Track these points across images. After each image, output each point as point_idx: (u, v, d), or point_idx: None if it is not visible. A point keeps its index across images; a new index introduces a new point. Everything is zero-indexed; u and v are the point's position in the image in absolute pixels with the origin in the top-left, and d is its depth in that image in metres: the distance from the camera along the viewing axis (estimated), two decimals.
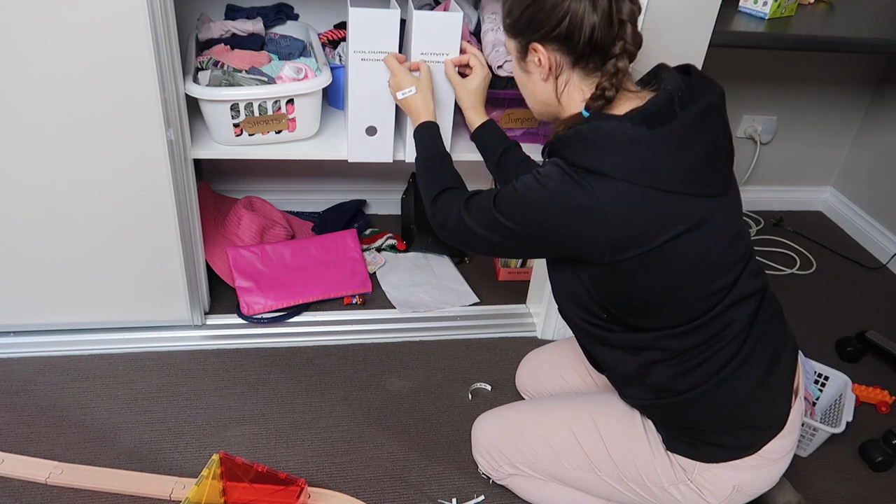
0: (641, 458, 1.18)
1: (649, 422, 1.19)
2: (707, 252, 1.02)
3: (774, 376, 1.12)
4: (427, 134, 1.35)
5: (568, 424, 1.25)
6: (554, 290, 1.18)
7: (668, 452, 1.16)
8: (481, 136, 1.41)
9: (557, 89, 1.08)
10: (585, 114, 1.06)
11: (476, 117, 1.41)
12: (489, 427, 1.35)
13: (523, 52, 1.09)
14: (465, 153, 1.63)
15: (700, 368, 1.08)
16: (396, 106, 1.49)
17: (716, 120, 1.02)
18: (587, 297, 1.10)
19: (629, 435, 1.20)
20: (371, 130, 1.51)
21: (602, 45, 1.01)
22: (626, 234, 0.98)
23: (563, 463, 1.25)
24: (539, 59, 1.06)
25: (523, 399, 1.56)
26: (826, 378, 1.61)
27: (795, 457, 1.51)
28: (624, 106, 1.03)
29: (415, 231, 1.98)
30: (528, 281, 1.87)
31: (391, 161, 1.58)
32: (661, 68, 1.08)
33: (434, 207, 1.22)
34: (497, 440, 1.32)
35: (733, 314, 1.07)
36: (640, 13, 1.03)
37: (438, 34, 1.40)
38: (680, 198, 0.98)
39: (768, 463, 1.13)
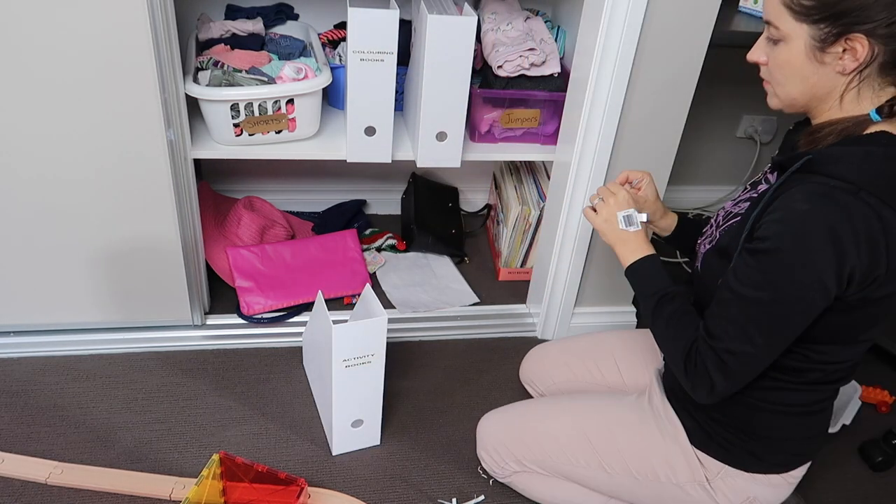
0: (658, 455, 1.17)
1: (669, 416, 1.18)
2: None
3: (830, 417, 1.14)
4: (652, 268, 1.15)
5: (577, 421, 1.25)
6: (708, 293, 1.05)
7: (693, 449, 1.14)
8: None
9: (849, 85, 0.93)
10: (875, 117, 0.92)
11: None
12: (496, 424, 1.35)
13: (826, 43, 0.91)
14: (465, 153, 1.63)
15: (813, 393, 1.06)
16: (394, 105, 1.49)
17: None
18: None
19: (645, 431, 1.19)
20: (370, 131, 1.51)
21: None
22: (891, 270, 0.91)
23: (571, 459, 1.24)
24: (855, 52, 0.89)
25: (527, 395, 1.57)
26: None
27: None
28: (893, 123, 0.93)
29: (415, 231, 1.98)
30: (528, 281, 1.87)
31: (390, 161, 1.58)
32: None
33: (686, 368, 1.03)
34: (504, 437, 1.32)
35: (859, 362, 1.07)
36: None
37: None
38: None
39: (786, 485, 1.15)
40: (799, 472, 1.15)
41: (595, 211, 1.21)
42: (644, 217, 1.19)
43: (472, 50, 1.43)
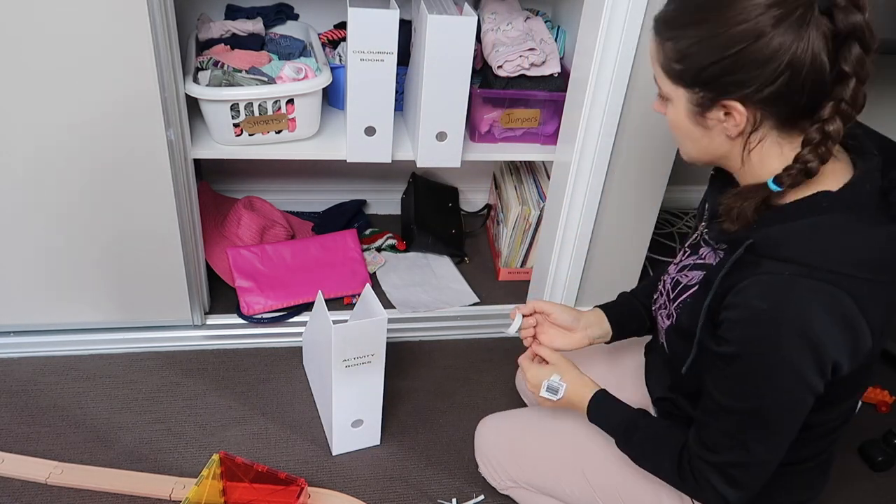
0: (649, 495, 1.12)
1: None
2: None
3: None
4: (605, 405, 1.10)
5: (578, 457, 1.20)
6: (679, 377, 1.01)
7: (693, 501, 1.09)
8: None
9: (747, 147, 0.87)
10: (774, 187, 0.84)
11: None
12: (493, 438, 1.31)
13: (704, 108, 0.86)
14: (465, 153, 1.63)
15: (801, 451, 0.99)
16: (394, 106, 1.49)
17: None
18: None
19: (635, 468, 1.11)
20: (370, 130, 1.51)
21: (817, 101, 0.81)
22: (878, 333, 0.85)
23: (567, 490, 1.20)
24: (734, 118, 0.84)
25: (523, 400, 1.56)
26: None
27: None
28: (827, 169, 0.85)
29: (415, 231, 1.98)
30: (528, 281, 1.87)
31: (390, 161, 1.58)
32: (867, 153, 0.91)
33: (686, 485, 0.99)
34: (499, 454, 1.29)
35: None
36: (871, 59, 0.83)
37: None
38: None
39: None
40: None
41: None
42: (557, 377, 1.13)
43: (472, 50, 1.43)
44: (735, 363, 0.87)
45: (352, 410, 1.37)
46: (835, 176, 0.87)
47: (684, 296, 1.02)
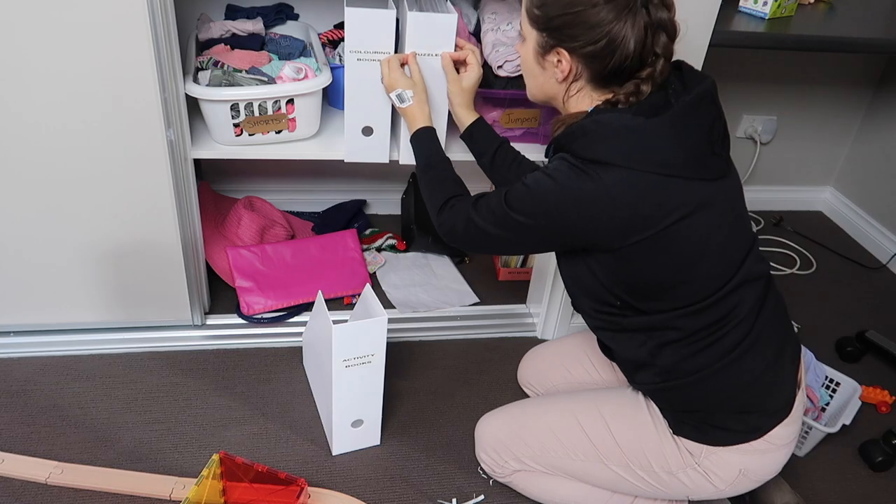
0: (649, 444, 1.19)
1: (655, 408, 1.21)
2: (712, 232, 1.05)
3: (781, 363, 1.15)
4: (425, 140, 1.35)
5: (574, 415, 1.26)
6: (566, 284, 1.21)
7: (675, 437, 1.17)
8: (472, 135, 1.40)
9: (568, 93, 1.11)
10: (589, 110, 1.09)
11: (467, 115, 1.40)
12: (494, 424, 1.36)
13: (545, 49, 1.08)
14: (465, 153, 1.63)
15: (711, 349, 1.10)
16: (393, 107, 1.49)
17: (709, 106, 1.06)
18: (599, 287, 1.12)
19: (636, 421, 1.21)
20: (367, 131, 1.51)
21: (629, 71, 1.04)
22: (634, 218, 1.01)
23: (570, 454, 1.25)
24: (559, 63, 1.07)
25: (525, 396, 1.57)
26: (838, 384, 1.61)
27: (794, 457, 1.51)
28: None
29: (415, 231, 1.98)
30: (528, 281, 1.87)
31: (387, 161, 1.58)
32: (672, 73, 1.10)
33: (441, 216, 1.23)
34: (502, 436, 1.33)
35: (742, 294, 1.10)
36: (673, 45, 1.04)
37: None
38: (682, 181, 1.02)
39: (774, 448, 1.15)
40: (783, 433, 1.14)
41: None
42: (410, 94, 1.36)
43: (454, 47, 1.42)
44: (521, 187, 1.09)
45: (352, 410, 1.37)
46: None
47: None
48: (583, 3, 1.01)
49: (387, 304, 1.81)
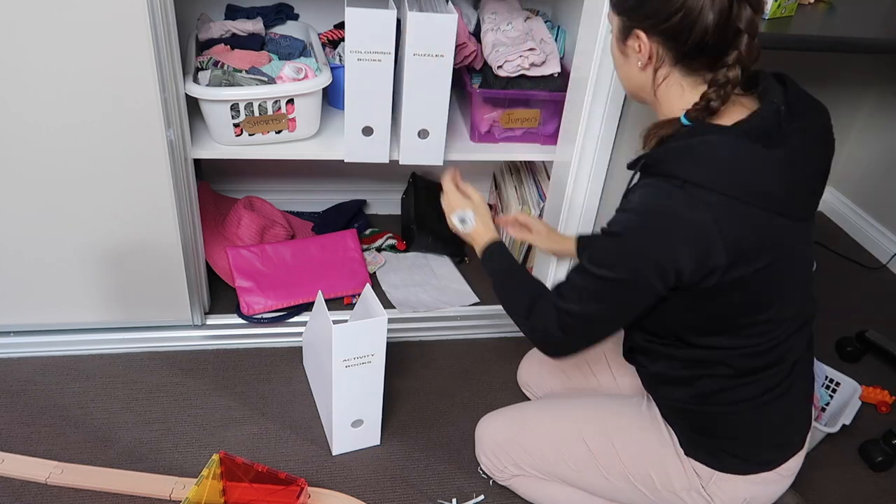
0: (654, 462, 1.17)
1: (663, 425, 1.18)
2: (792, 275, 1.02)
3: (808, 401, 1.15)
4: (498, 254, 1.23)
5: (576, 426, 1.25)
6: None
7: (686, 457, 1.15)
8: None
9: (655, 81, 1.00)
10: (685, 121, 0.98)
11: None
12: (494, 428, 1.35)
13: (624, 34, 0.99)
14: (465, 153, 1.63)
15: (756, 385, 1.07)
16: (392, 107, 1.49)
17: (828, 143, 1.01)
18: (659, 322, 1.06)
19: (641, 438, 1.19)
20: (367, 131, 1.51)
21: (713, 50, 0.93)
22: (736, 252, 0.93)
23: (570, 465, 1.24)
24: (639, 47, 0.97)
25: (525, 398, 1.57)
26: (838, 384, 1.61)
27: None
28: (728, 112, 0.97)
29: (415, 231, 1.98)
30: None
31: (387, 161, 1.58)
32: (758, 73, 1.03)
33: (529, 324, 1.11)
34: (502, 441, 1.32)
35: (797, 338, 1.07)
36: (761, 23, 0.95)
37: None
38: (783, 220, 0.96)
39: (782, 479, 1.14)
40: (793, 464, 1.14)
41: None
42: (471, 214, 1.28)
43: (454, 47, 1.42)
44: (606, 238, 1.00)
45: (352, 410, 1.37)
46: (730, 118, 0.97)
47: None
48: None
49: (387, 304, 1.81)
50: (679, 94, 0.99)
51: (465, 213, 1.28)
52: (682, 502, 1.17)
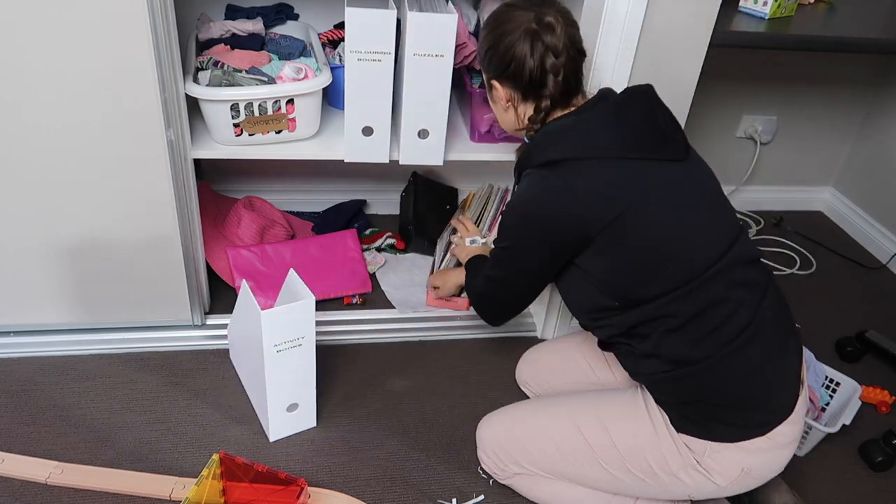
0: (648, 446, 1.19)
1: (654, 407, 1.20)
2: (685, 211, 1.12)
3: (785, 359, 1.16)
4: (479, 259, 1.51)
5: (572, 420, 1.27)
6: (569, 304, 1.28)
7: (677, 434, 1.17)
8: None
9: (518, 117, 1.24)
10: (528, 140, 1.23)
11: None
12: (494, 427, 1.36)
13: (489, 86, 1.24)
14: (465, 153, 1.63)
15: (714, 336, 1.12)
16: (392, 106, 1.49)
17: (644, 97, 1.17)
18: (594, 290, 1.17)
19: (634, 423, 1.21)
20: (367, 131, 1.51)
21: (537, 88, 1.17)
22: (603, 204, 1.09)
23: (570, 459, 1.25)
24: (499, 92, 1.22)
25: (525, 396, 1.57)
26: (838, 384, 1.61)
27: (794, 457, 1.51)
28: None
29: (412, 232, 1.98)
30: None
31: (387, 161, 1.58)
32: (606, 90, 1.22)
33: (469, 290, 1.44)
34: (503, 440, 1.33)
35: (734, 277, 1.12)
36: (565, 66, 1.15)
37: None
38: (635, 163, 1.11)
39: (777, 447, 1.15)
40: (787, 430, 1.14)
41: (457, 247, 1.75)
42: (483, 239, 1.74)
43: (454, 47, 1.42)
44: (503, 216, 1.24)
45: (287, 395, 1.39)
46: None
47: None
48: (496, 37, 1.18)
49: (387, 304, 1.81)
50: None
51: (476, 238, 1.73)
52: (682, 483, 1.18)
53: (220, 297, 1.76)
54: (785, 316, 1.19)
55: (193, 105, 1.45)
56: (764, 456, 1.15)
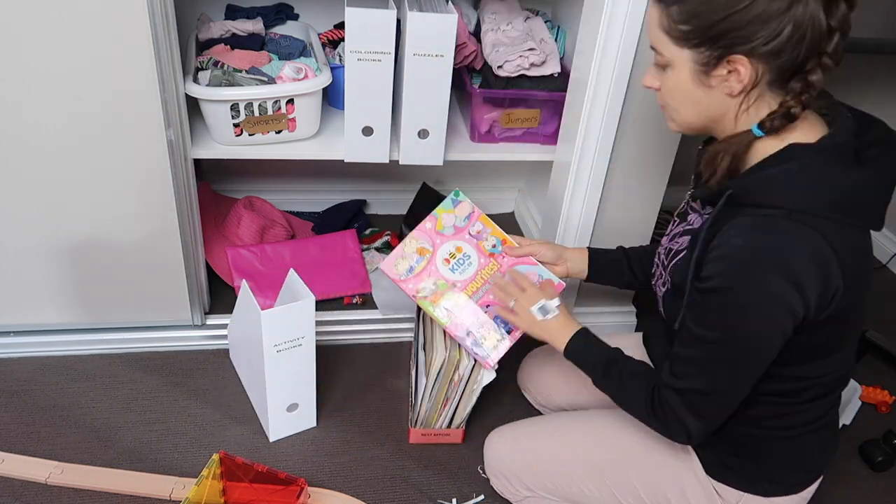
0: (673, 485, 1.13)
1: (686, 447, 1.13)
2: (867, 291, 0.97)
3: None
4: (585, 342, 1.17)
5: (588, 449, 1.21)
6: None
7: (706, 477, 1.11)
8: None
9: (745, 103, 0.93)
10: (758, 132, 0.92)
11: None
12: (503, 450, 1.31)
13: (709, 64, 0.90)
14: (465, 153, 1.63)
15: (812, 410, 1.05)
16: (392, 106, 1.48)
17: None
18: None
19: (657, 461, 1.15)
20: (367, 131, 1.51)
21: (809, 59, 0.87)
22: (850, 275, 0.90)
23: (584, 489, 1.20)
24: (738, 73, 0.89)
25: (525, 399, 1.57)
26: None
27: None
28: (803, 127, 0.92)
29: (408, 232, 1.97)
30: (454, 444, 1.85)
31: (387, 161, 1.58)
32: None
33: (658, 420, 1.03)
34: (512, 464, 1.28)
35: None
36: (849, 21, 0.86)
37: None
38: (868, 236, 0.95)
39: (801, 501, 1.13)
40: (813, 487, 1.14)
41: (514, 312, 1.25)
42: (556, 302, 1.20)
43: (453, 47, 1.42)
44: (712, 295, 0.91)
45: (287, 394, 1.39)
46: (808, 133, 0.92)
47: (675, 259, 1.07)
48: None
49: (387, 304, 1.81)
50: (762, 113, 0.93)
51: (548, 303, 1.18)
52: None
53: (220, 297, 1.76)
54: None
55: (193, 105, 1.45)
56: None
